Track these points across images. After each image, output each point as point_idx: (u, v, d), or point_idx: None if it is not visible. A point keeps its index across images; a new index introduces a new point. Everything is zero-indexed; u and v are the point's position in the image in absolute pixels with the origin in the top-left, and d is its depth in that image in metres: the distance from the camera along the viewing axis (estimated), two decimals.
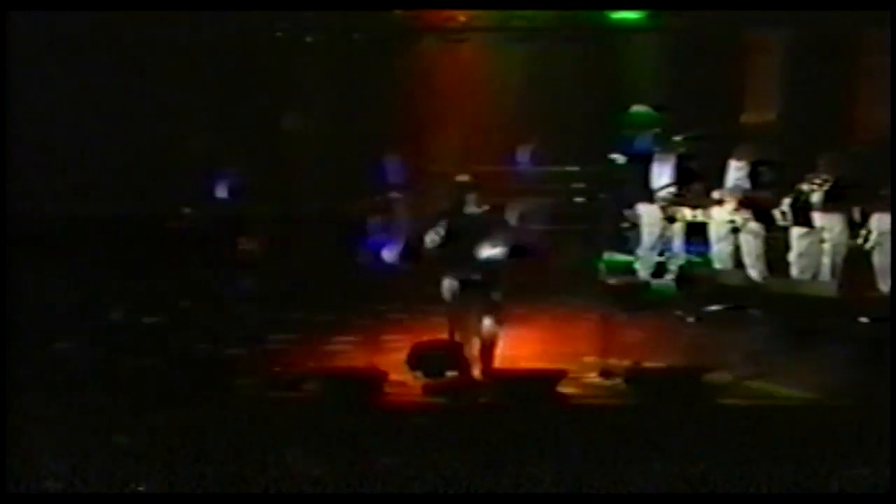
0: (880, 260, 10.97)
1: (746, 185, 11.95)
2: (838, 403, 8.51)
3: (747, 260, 11.91)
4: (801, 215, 11.46)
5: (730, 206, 11.88)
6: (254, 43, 13.01)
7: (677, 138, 12.40)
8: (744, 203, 11.75)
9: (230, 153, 12.58)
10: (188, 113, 13.17)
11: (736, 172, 12.04)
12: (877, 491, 6.47)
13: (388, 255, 12.92)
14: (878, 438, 7.19)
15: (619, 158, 12.67)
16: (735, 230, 11.95)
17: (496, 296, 9.31)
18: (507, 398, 8.74)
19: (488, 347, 9.30)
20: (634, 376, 9.08)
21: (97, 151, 12.25)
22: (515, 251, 9.38)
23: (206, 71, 13.12)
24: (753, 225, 11.81)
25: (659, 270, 12.48)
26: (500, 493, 6.59)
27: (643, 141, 12.64)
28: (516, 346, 9.68)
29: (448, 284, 9.25)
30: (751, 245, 11.89)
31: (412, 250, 11.85)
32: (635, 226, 12.67)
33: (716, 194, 12.01)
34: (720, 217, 12.01)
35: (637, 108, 12.89)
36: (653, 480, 6.68)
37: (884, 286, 10.99)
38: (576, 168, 13.37)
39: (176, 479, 6.73)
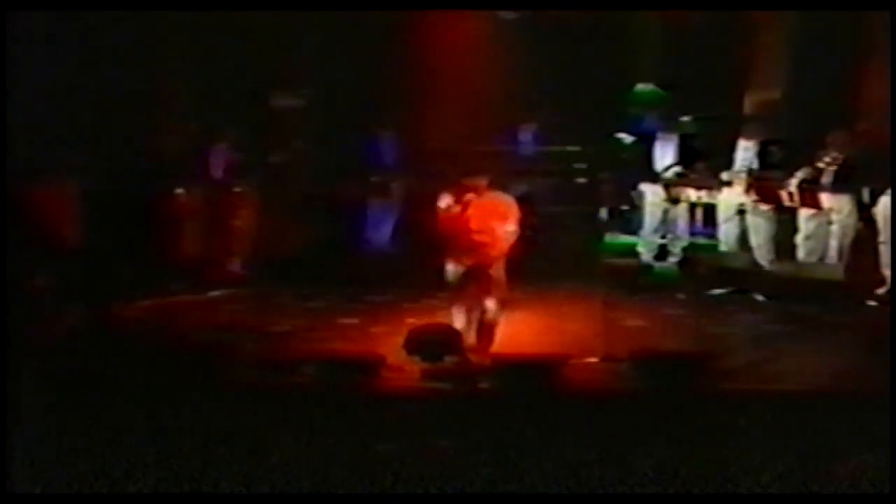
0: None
1: (755, 164, 11.87)
2: (844, 390, 8.32)
3: (755, 242, 11.81)
4: (809, 196, 11.35)
5: (739, 187, 11.77)
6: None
7: (686, 118, 12.30)
8: (753, 184, 11.64)
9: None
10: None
11: (744, 152, 11.96)
12: (881, 479, 6.32)
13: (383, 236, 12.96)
14: (885, 426, 6.99)
15: (626, 138, 12.59)
16: (741, 212, 11.86)
17: (497, 279, 9.14)
18: (508, 383, 8.58)
19: (488, 332, 9.13)
20: (637, 361, 8.86)
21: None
22: None
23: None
24: (762, 207, 11.70)
25: (662, 253, 12.41)
26: (500, 482, 6.42)
27: (649, 120, 12.58)
28: (517, 330, 9.52)
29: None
30: (760, 227, 11.79)
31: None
32: (637, 207, 12.59)
33: (725, 175, 11.91)
34: (729, 199, 11.91)
35: (642, 87, 12.79)
36: (656, 468, 6.51)
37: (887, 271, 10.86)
38: (578, 147, 13.26)
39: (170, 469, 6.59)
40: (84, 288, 10.55)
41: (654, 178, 12.31)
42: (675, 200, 12.20)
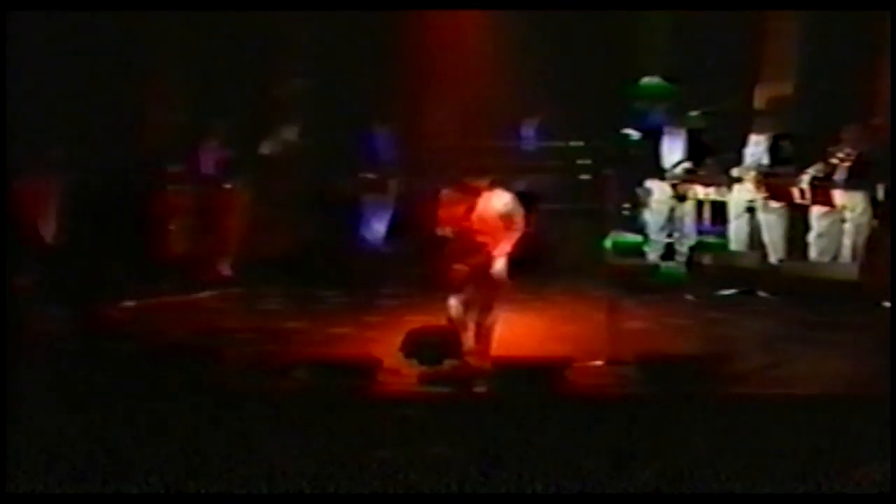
0: None
1: (765, 160, 11.75)
2: (857, 393, 8.18)
3: (768, 239, 11.67)
4: (822, 193, 11.20)
5: (749, 184, 11.63)
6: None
7: (693, 113, 12.19)
8: (763, 181, 11.51)
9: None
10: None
11: (755, 147, 11.84)
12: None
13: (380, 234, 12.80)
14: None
15: (632, 133, 12.46)
16: (750, 209, 11.73)
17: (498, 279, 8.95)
18: (509, 387, 8.50)
19: (488, 334, 8.95)
20: (643, 364, 8.77)
21: None
22: None
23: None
24: (775, 204, 11.56)
25: (668, 252, 12.32)
26: (500, 490, 6.31)
27: (655, 114, 12.44)
28: (519, 332, 9.38)
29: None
30: (773, 225, 11.64)
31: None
32: (641, 205, 12.48)
33: (735, 172, 11.79)
34: (739, 196, 11.78)
35: (649, 80, 12.63)
36: (662, 473, 6.40)
37: None
38: (582, 143, 13.16)
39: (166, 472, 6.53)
40: (70, 288, 10.47)
41: (661, 174, 12.23)
42: (681, 198, 12.13)
